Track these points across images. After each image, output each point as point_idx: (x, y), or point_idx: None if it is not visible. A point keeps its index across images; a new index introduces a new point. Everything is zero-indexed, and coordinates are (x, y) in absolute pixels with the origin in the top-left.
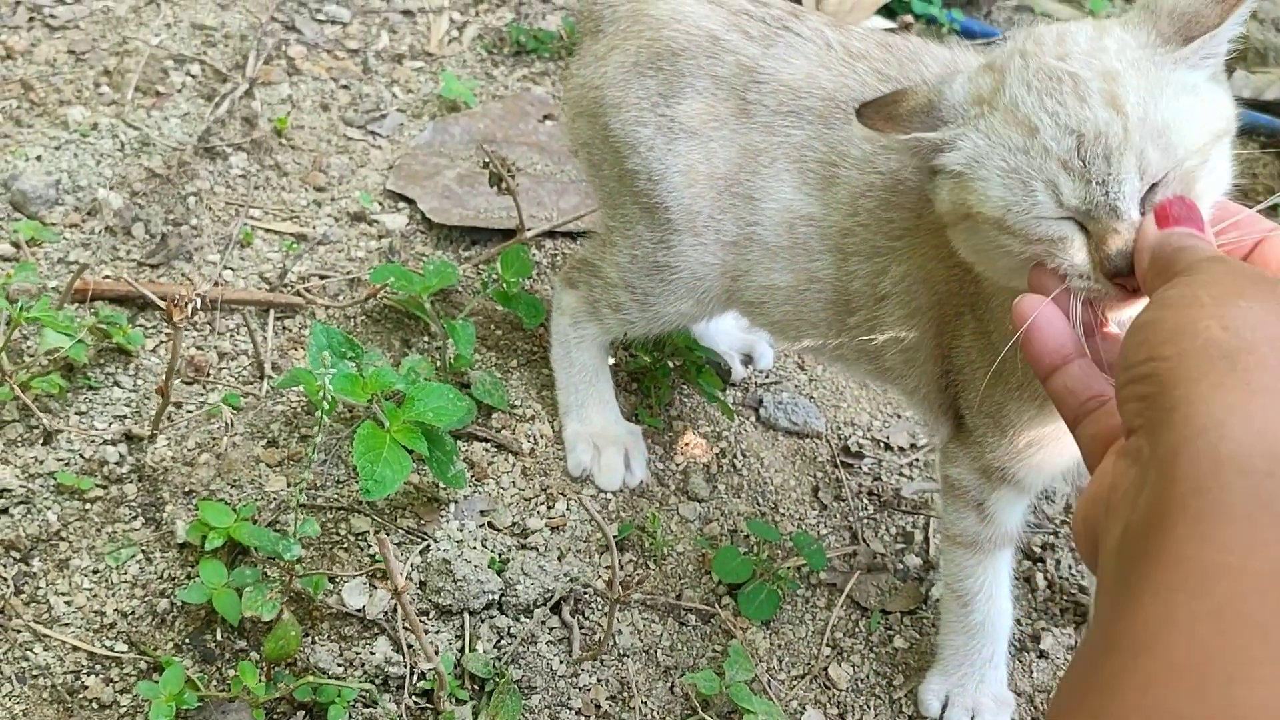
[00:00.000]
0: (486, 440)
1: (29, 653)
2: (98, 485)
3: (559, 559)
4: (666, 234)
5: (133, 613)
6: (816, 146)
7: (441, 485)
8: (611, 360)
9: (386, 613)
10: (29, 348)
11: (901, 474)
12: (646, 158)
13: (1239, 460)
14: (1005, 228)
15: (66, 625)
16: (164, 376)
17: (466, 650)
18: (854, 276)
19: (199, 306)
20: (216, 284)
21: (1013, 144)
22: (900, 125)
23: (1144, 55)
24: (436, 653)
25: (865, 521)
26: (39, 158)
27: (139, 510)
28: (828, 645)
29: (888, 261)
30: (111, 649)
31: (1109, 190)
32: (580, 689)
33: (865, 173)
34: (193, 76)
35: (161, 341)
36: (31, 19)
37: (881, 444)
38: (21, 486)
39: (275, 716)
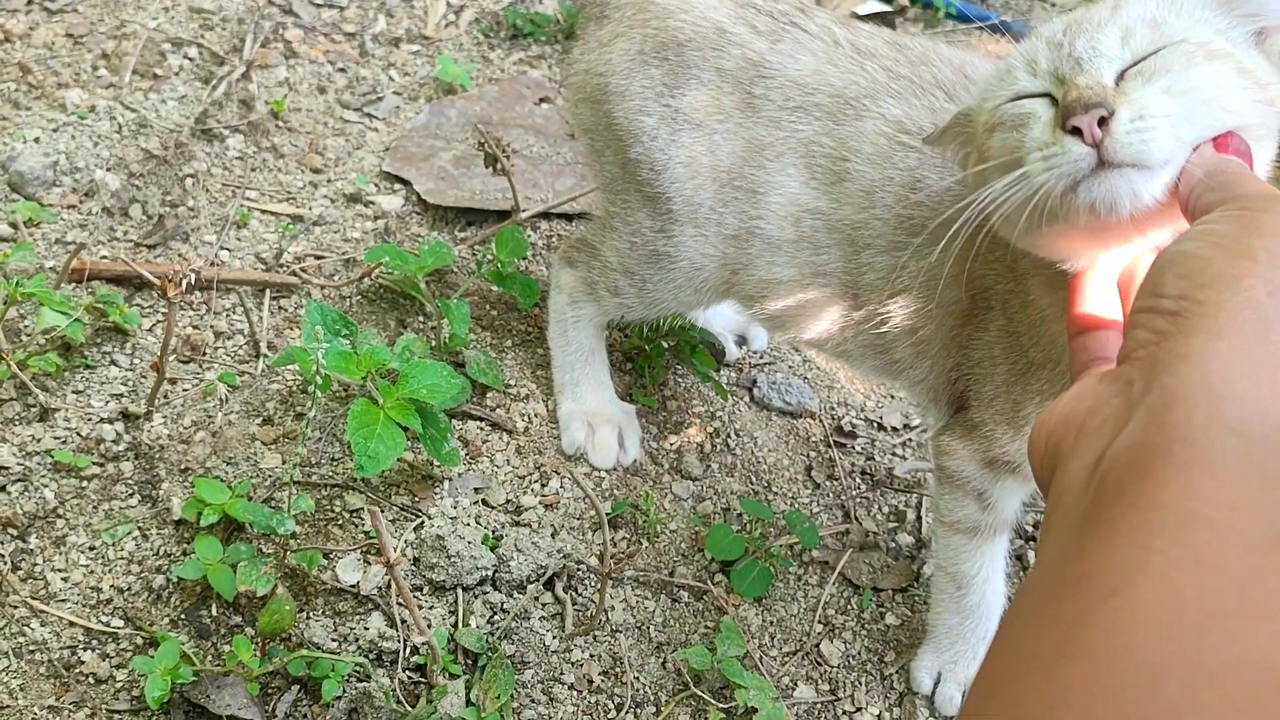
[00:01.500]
0: (481, 419)
1: (26, 628)
2: (94, 463)
3: (552, 536)
4: (667, 224)
5: (129, 588)
6: (825, 142)
7: (436, 463)
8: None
9: (380, 588)
10: (26, 327)
11: (894, 453)
12: (649, 148)
13: (1237, 423)
14: (990, 124)
15: (63, 601)
16: (159, 353)
17: (460, 625)
18: (867, 269)
19: (193, 283)
20: (213, 264)
21: (1024, 48)
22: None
23: None
24: (429, 626)
25: (858, 500)
26: (37, 140)
27: (135, 488)
28: (819, 622)
29: (908, 256)
30: (108, 624)
31: (1079, 46)
32: (573, 664)
33: (881, 168)
34: (190, 59)
35: (158, 321)
36: (30, 3)
37: (875, 424)
38: (19, 464)
39: (270, 691)
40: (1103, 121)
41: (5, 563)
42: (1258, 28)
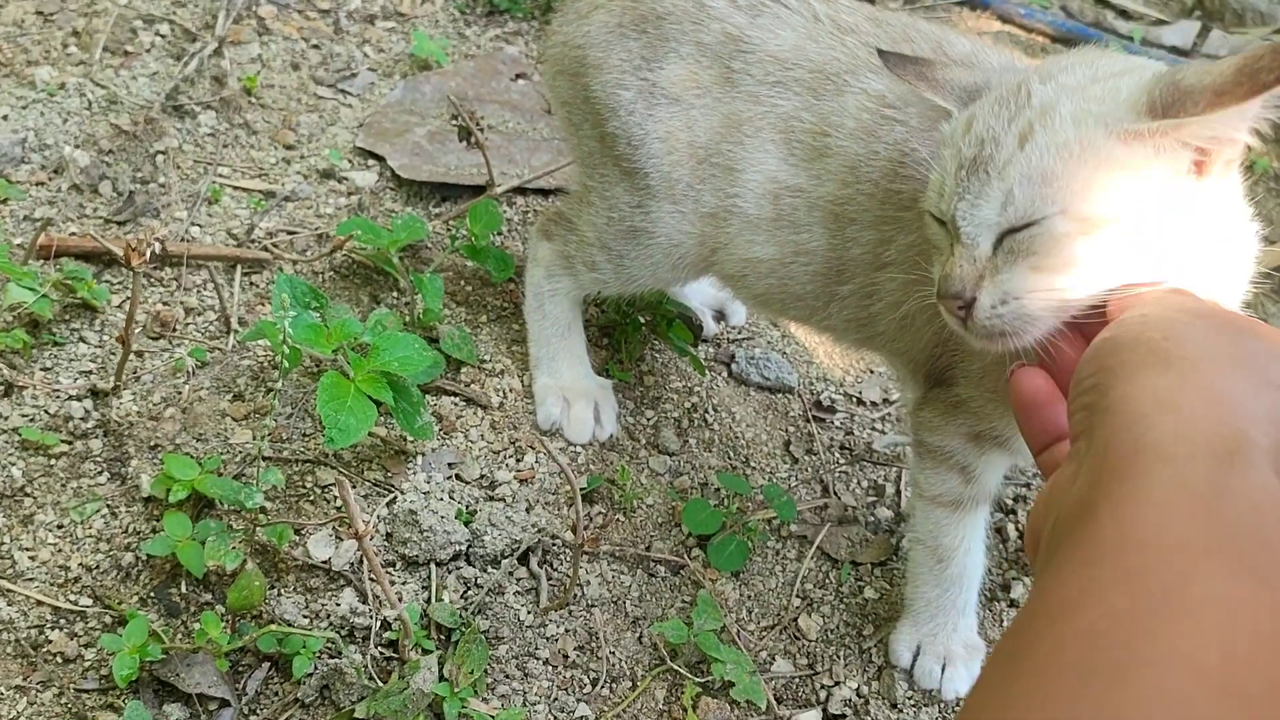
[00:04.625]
0: (455, 394)
1: None
2: (63, 440)
3: (527, 510)
4: (645, 199)
5: (97, 567)
6: (805, 117)
7: (409, 438)
8: None
9: (352, 564)
10: None
11: (874, 428)
12: (626, 122)
13: (1163, 448)
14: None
15: (30, 580)
16: (124, 325)
17: (433, 600)
18: (853, 244)
19: (158, 253)
20: (183, 240)
21: (957, 129)
22: (936, 89)
23: (1107, 111)
24: (401, 601)
25: (837, 475)
26: (5, 117)
27: (104, 465)
28: (798, 596)
29: (894, 230)
30: (76, 603)
31: (959, 210)
32: (548, 639)
33: (866, 143)
34: (162, 36)
35: (127, 297)
36: None
37: (854, 399)
38: None
39: (240, 669)
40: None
41: None
42: (1192, 160)
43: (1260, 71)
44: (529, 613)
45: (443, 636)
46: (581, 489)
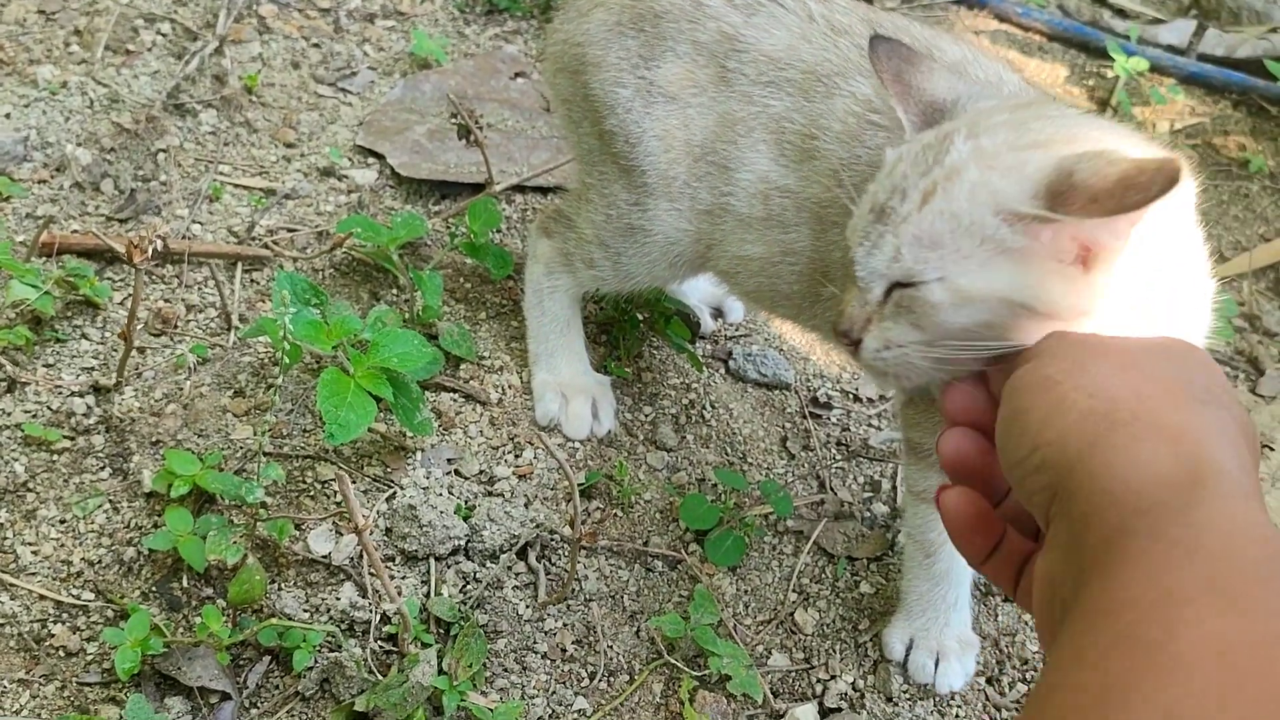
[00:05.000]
0: (454, 390)
1: None
2: (65, 436)
3: (526, 506)
4: (642, 197)
5: (99, 561)
6: (795, 119)
7: (408, 434)
8: None
9: (352, 559)
10: None
11: (870, 424)
12: (624, 119)
13: (1138, 503)
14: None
15: (33, 575)
16: (126, 321)
17: (432, 595)
18: (835, 247)
19: (160, 249)
20: (184, 237)
21: (882, 172)
22: (904, 96)
23: (1004, 187)
24: (400, 594)
25: (833, 471)
26: (7, 115)
27: (106, 460)
28: (794, 591)
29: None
30: (78, 598)
31: (858, 254)
32: (546, 633)
33: (850, 147)
34: (163, 35)
35: (129, 294)
36: None
37: (850, 395)
38: None
39: (241, 662)
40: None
41: None
42: (1075, 255)
43: (1131, 190)
44: (527, 607)
45: (442, 630)
46: (579, 484)
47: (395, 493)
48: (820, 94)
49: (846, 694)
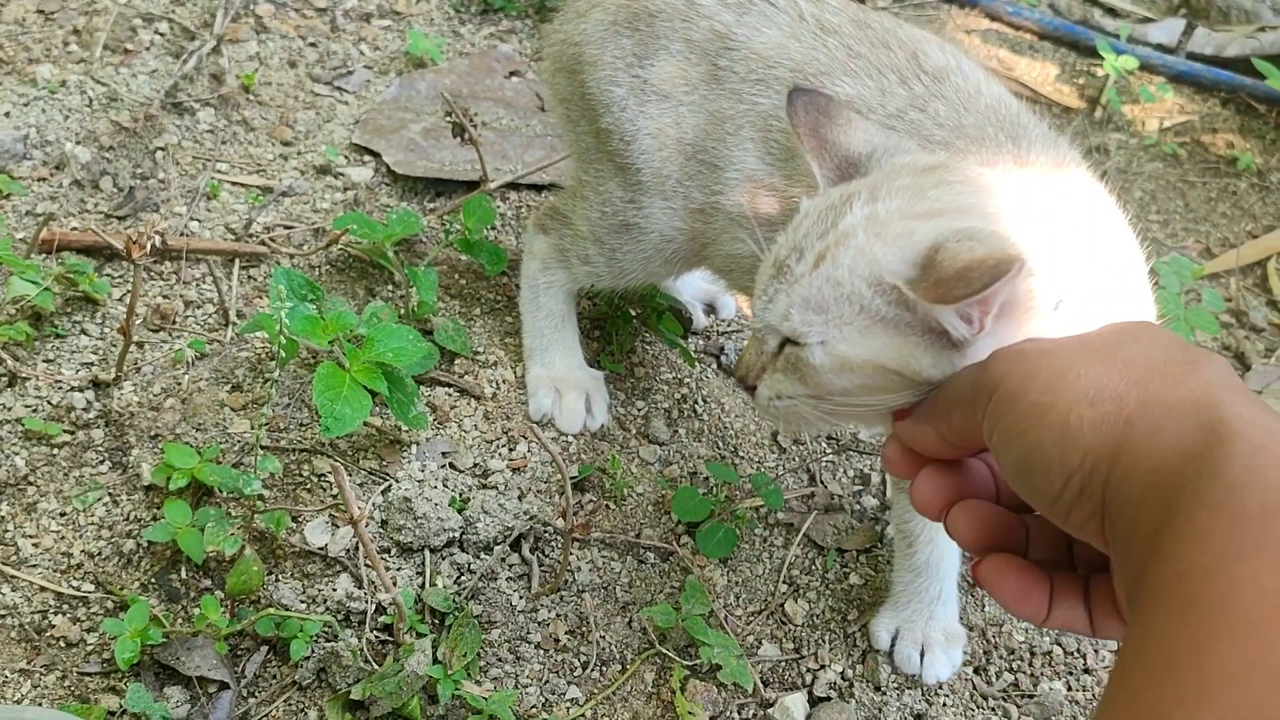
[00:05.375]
0: (449, 385)
1: None
2: (65, 430)
3: (519, 498)
4: (637, 194)
5: (99, 553)
6: (782, 117)
7: (404, 428)
8: None
9: (348, 550)
10: None
11: None
12: (619, 118)
13: (1178, 482)
14: None
15: (34, 567)
16: (125, 316)
17: (427, 586)
18: None
19: (158, 246)
20: (183, 234)
21: (791, 224)
22: (819, 151)
23: (886, 258)
24: (395, 585)
25: (823, 464)
26: (7, 114)
27: (105, 454)
28: (784, 582)
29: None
30: (78, 589)
31: (757, 306)
32: (539, 623)
33: None
34: (161, 34)
35: (128, 290)
36: None
37: None
38: None
39: (239, 652)
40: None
41: None
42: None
43: (961, 282)
44: (521, 598)
45: (436, 621)
46: (573, 478)
47: (391, 485)
48: None
49: (836, 683)
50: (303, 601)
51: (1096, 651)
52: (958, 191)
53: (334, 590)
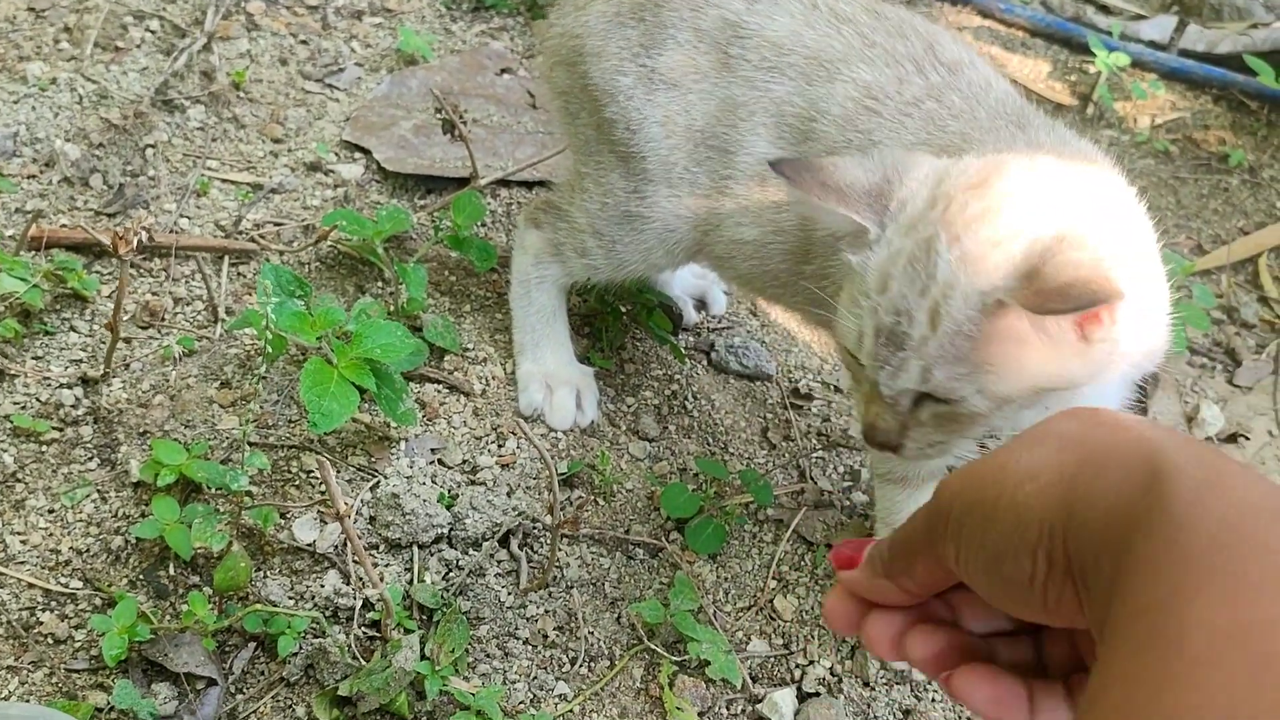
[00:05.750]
0: (438, 381)
1: None
2: (54, 427)
3: (508, 495)
4: (641, 184)
5: (87, 550)
6: (796, 102)
7: (392, 424)
8: None
9: (336, 547)
10: None
11: (850, 415)
12: (625, 107)
13: (1128, 522)
14: (839, 334)
15: (22, 563)
16: (113, 312)
17: (415, 582)
18: (819, 227)
19: (145, 242)
20: (172, 231)
21: (872, 282)
22: (844, 200)
23: (1000, 285)
24: (383, 581)
25: (814, 460)
26: None
27: (94, 451)
28: (773, 578)
29: None
30: (66, 586)
31: (881, 378)
32: (528, 619)
33: (844, 131)
34: (151, 32)
35: (117, 287)
36: None
37: (831, 386)
38: None
39: (227, 649)
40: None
41: None
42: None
43: (1055, 297)
44: (509, 594)
45: (424, 617)
46: (562, 474)
47: (379, 482)
48: (822, 78)
49: (824, 679)
50: (291, 598)
51: None
52: (1032, 199)
53: (322, 586)
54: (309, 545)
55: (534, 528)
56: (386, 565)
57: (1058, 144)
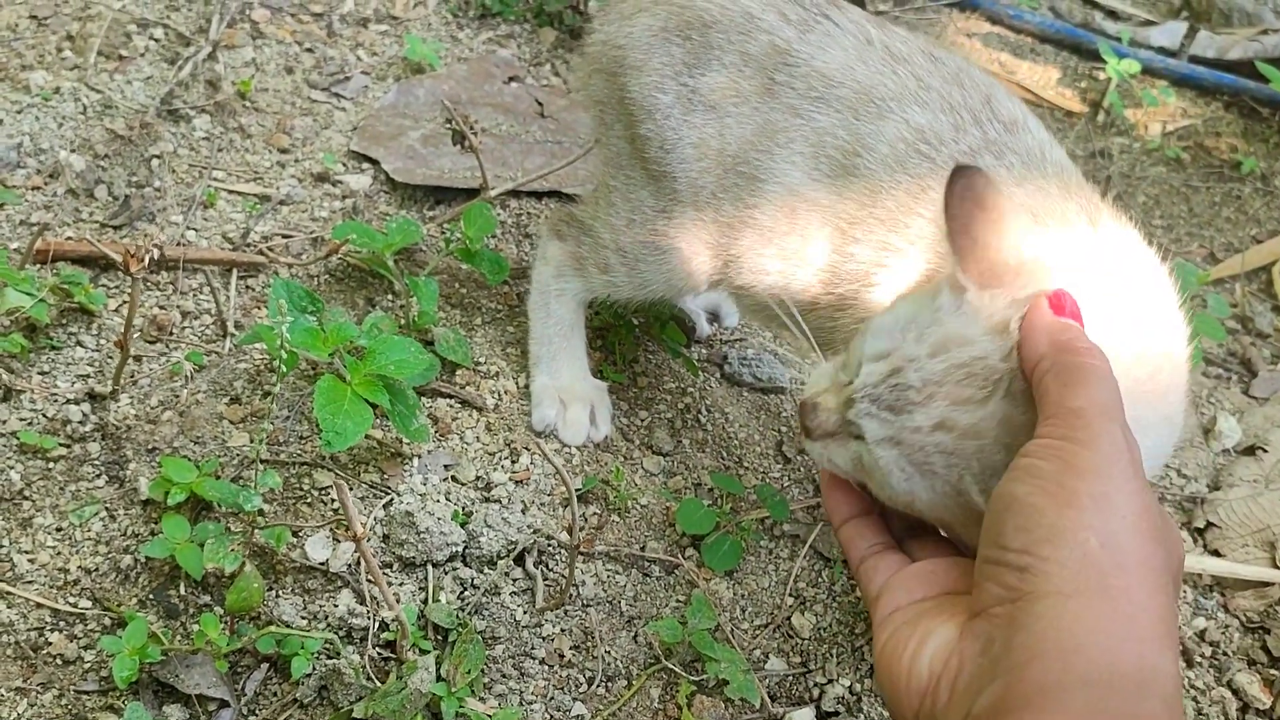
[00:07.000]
0: (451, 396)
1: None
2: (61, 444)
3: (523, 512)
4: (670, 204)
5: (96, 569)
6: (840, 134)
7: (405, 440)
8: None
9: (349, 566)
10: None
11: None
12: (661, 125)
13: (1086, 675)
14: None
15: (30, 583)
16: (123, 330)
17: (430, 601)
18: (849, 259)
19: (156, 259)
20: (179, 244)
21: (910, 331)
22: (970, 254)
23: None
24: (398, 600)
25: None
26: (0, 122)
27: (102, 468)
28: (790, 595)
29: (892, 256)
30: (75, 605)
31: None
32: (544, 639)
33: (892, 171)
34: (156, 40)
35: (124, 301)
36: None
37: None
38: None
39: (239, 670)
40: None
41: None
42: None
43: None
44: (525, 613)
45: (440, 637)
46: (576, 490)
47: (392, 499)
48: (871, 114)
49: (844, 697)
50: (304, 618)
51: None
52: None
53: (335, 606)
54: (322, 564)
55: (549, 545)
56: (401, 584)
57: (1123, 249)
